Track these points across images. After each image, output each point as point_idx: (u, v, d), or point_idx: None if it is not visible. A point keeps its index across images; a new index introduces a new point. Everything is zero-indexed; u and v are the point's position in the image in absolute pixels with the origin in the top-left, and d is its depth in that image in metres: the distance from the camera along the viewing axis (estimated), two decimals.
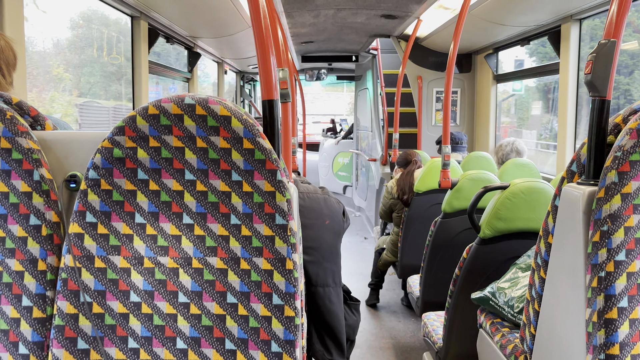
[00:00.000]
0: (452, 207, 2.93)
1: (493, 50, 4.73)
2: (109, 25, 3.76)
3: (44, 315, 1.14)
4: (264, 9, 1.25)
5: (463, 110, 5.36)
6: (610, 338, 1.11)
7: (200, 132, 1.10)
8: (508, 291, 1.83)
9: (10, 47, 1.47)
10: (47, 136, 1.22)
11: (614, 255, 1.11)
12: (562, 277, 1.29)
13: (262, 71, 1.25)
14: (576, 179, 1.32)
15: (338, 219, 2.07)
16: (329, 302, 2.00)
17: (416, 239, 3.59)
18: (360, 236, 6.73)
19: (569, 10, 3.27)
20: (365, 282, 4.54)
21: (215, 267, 1.12)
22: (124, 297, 1.12)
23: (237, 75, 7.50)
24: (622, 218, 1.12)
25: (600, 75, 1.23)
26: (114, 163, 1.11)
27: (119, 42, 3.78)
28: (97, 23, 3.79)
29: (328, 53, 6.78)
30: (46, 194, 1.15)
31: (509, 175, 3.39)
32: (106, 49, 3.95)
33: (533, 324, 1.43)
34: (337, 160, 9.19)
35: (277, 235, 1.11)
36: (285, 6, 4.01)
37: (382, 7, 4.09)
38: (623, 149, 1.12)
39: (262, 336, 1.11)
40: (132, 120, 1.10)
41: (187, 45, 4.47)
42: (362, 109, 7.70)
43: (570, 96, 3.47)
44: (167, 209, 1.12)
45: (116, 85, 4.21)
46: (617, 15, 1.21)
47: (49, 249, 1.15)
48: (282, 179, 1.11)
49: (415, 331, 3.76)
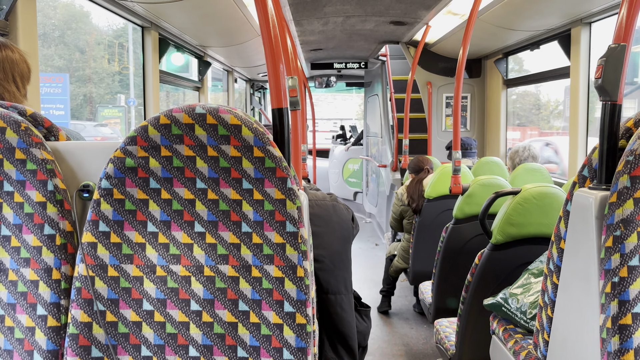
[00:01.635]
0: (463, 213, 2.92)
1: (503, 55, 4.72)
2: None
3: (59, 324, 1.16)
4: (273, 17, 1.26)
5: (473, 115, 5.34)
6: (624, 344, 1.10)
7: (211, 141, 1.11)
8: (521, 297, 1.82)
9: (24, 60, 1.50)
10: (61, 147, 1.23)
11: (628, 260, 1.10)
12: (575, 283, 1.28)
13: (271, 80, 1.26)
14: (588, 184, 1.31)
15: (347, 226, 2.07)
16: (340, 310, 2.00)
17: (427, 245, 3.58)
18: (372, 242, 6.71)
19: (578, 14, 3.26)
20: (376, 288, 4.52)
21: (226, 275, 1.12)
22: (137, 305, 1.13)
23: (246, 84, 7.55)
24: (635, 223, 1.11)
25: (610, 80, 1.22)
26: (126, 172, 1.13)
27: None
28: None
29: (337, 60, 6.80)
30: (60, 203, 1.17)
31: (520, 180, 3.37)
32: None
33: (546, 330, 1.42)
34: (347, 167, 9.19)
35: (288, 242, 1.11)
36: (294, 14, 4.04)
37: (390, 13, 4.10)
38: (635, 153, 1.12)
39: (274, 344, 1.11)
40: (143, 130, 1.12)
41: (197, 54, 4.51)
42: (371, 115, 7.71)
43: (581, 100, 3.45)
44: (179, 217, 1.13)
45: None
46: (627, 18, 1.21)
47: (63, 258, 1.16)
48: (293, 187, 1.12)
49: (428, 338, 3.74)
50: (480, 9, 3.42)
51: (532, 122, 9.63)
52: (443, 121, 5.42)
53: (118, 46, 16.70)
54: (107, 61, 17.96)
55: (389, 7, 3.89)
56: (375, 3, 3.79)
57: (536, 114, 9.88)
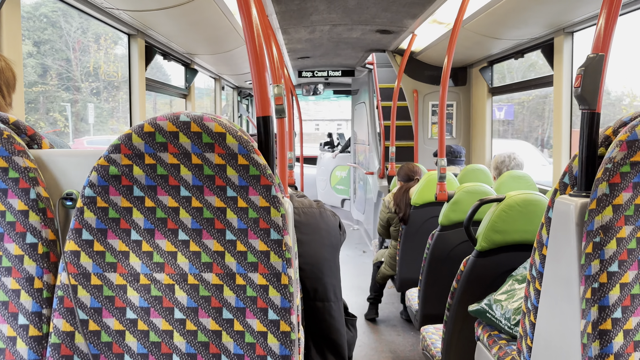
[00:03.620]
0: (449, 220, 2.94)
1: (488, 64, 4.78)
2: None
3: (40, 334, 1.15)
4: (258, 26, 1.27)
5: (459, 123, 5.39)
6: (605, 349, 1.11)
7: (195, 149, 1.11)
8: (505, 303, 1.83)
9: (10, 67, 1.49)
10: (44, 155, 1.23)
11: (607, 266, 1.12)
12: (556, 289, 1.30)
13: (256, 88, 1.27)
14: (569, 191, 1.33)
15: (335, 233, 2.07)
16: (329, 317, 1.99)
17: (414, 252, 3.59)
18: (359, 250, 6.72)
19: (561, 24, 3.31)
20: (364, 295, 4.53)
21: (210, 282, 1.12)
22: (120, 314, 1.12)
23: (234, 91, 7.54)
24: (614, 229, 1.13)
25: (589, 89, 1.24)
26: (110, 181, 1.12)
27: None
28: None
29: (324, 68, 6.83)
30: (42, 212, 1.16)
31: (506, 187, 3.41)
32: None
33: (529, 336, 1.43)
34: (335, 174, 9.21)
35: (272, 250, 1.12)
36: (281, 22, 4.06)
37: (377, 22, 4.14)
38: (613, 161, 1.14)
39: (258, 352, 1.11)
40: (127, 138, 1.12)
41: (184, 62, 4.51)
42: (359, 122, 7.74)
43: (564, 108, 3.49)
44: (163, 225, 1.13)
45: None
46: (605, 29, 1.23)
47: (45, 267, 1.15)
48: (277, 194, 1.12)
49: (415, 345, 3.75)
50: (465, 18, 3.47)
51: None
52: (429, 129, 5.45)
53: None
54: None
55: (375, 16, 3.92)
56: (361, 12, 3.81)
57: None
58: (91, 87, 12.07)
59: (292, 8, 3.66)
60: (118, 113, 11.95)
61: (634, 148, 1.13)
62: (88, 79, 11.88)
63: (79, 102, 11.34)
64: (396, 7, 3.65)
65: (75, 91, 11.36)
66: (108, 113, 12.30)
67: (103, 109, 12.24)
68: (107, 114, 12.31)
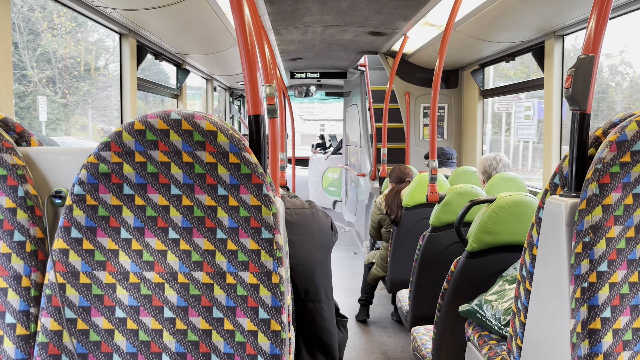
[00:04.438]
0: (440, 221, 2.95)
1: (479, 66, 4.80)
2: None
3: (28, 333, 1.13)
4: (250, 25, 1.27)
5: (450, 125, 5.41)
6: (594, 348, 1.12)
7: (186, 147, 1.10)
8: (495, 304, 1.84)
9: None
10: (32, 152, 1.22)
11: (597, 266, 1.13)
12: (547, 289, 1.31)
13: (248, 87, 1.27)
14: (559, 192, 1.34)
15: (327, 233, 2.07)
16: (319, 318, 1.99)
17: (405, 254, 3.60)
18: (350, 251, 6.72)
19: (551, 27, 3.33)
20: (355, 297, 4.52)
21: (201, 281, 1.11)
22: (109, 312, 1.11)
23: (226, 92, 7.53)
24: (604, 229, 1.14)
25: (580, 90, 1.25)
26: (100, 178, 1.11)
27: None
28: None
29: (317, 69, 6.84)
30: (31, 209, 1.15)
31: (496, 189, 3.42)
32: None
33: (520, 336, 1.44)
34: (327, 176, 9.21)
35: (263, 249, 1.11)
36: (273, 23, 4.06)
37: (369, 24, 4.15)
38: (603, 162, 1.15)
39: (249, 351, 1.10)
40: (118, 135, 1.11)
41: (176, 62, 4.49)
42: (351, 124, 7.75)
43: (555, 110, 3.52)
44: (153, 224, 1.12)
45: None
46: (595, 31, 1.24)
47: (33, 265, 1.14)
48: (268, 193, 1.12)
49: (406, 346, 3.75)
50: (457, 21, 3.48)
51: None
52: (421, 131, 5.47)
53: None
54: None
55: (367, 17, 3.93)
56: (354, 14, 3.82)
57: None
58: (42, 77, 9.74)
59: (284, 9, 3.66)
60: (78, 110, 10.05)
61: (624, 149, 1.14)
62: (42, 66, 9.65)
63: (31, 94, 9.16)
64: (388, 9, 3.66)
65: (27, 82, 9.17)
66: (70, 109, 10.22)
67: (58, 102, 10.00)
68: (70, 110, 10.21)
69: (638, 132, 1.15)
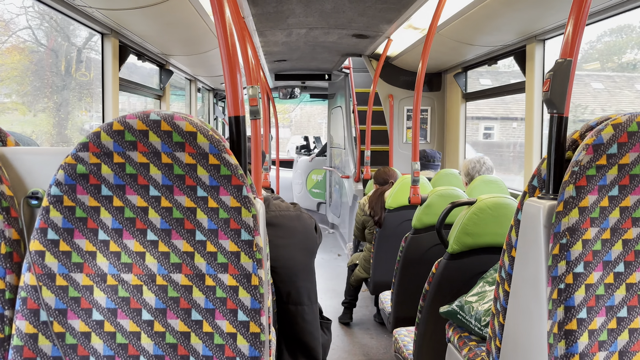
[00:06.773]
0: (422, 223, 2.97)
1: (462, 70, 4.84)
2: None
3: (2, 336, 1.11)
4: (231, 26, 1.27)
5: (433, 128, 5.45)
6: (570, 349, 1.13)
7: (165, 148, 1.10)
8: (475, 305, 1.85)
9: None
10: (8, 152, 1.20)
11: (573, 267, 1.14)
12: (525, 290, 1.32)
13: (229, 88, 1.26)
14: (537, 194, 1.35)
15: (312, 236, 2.07)
16: (301, 320, 1.99)
17: (388, 255, 3.61)
18: (334, 253, 6.73)
19: (532, 31, 3.37)
20: (338, 299, 4.53)
21: (179, 283, 1.11)
22: (86, 315, 1.10)
23: (209, 93, 7.49)
24: (580, 231, 1.15)
25: (558, 93, 1.27)
26: (77, 179, 1.10)
27: None
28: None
29: (301, 71, 6.84)
30: (6, 210, 1.13)
31: (478, 191, 3.45)
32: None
33: (498, 337, 1.45)
34: (311, 177, 9.21)
35: (243, 251, 1.11)
36: (257, 25, 4.05)
37: (353, 26, 4.16)
38: (580, 164, 1.16)
39: (227, 353, 1.10)
40: (96, 136, 1.10)
41: (159, 63, 4.46)
42: (335, 126, 7.76)
43: (536, 114, 3.56)
44: (131, 225, 1.11)
45: None
46: (573, 35, 1.26)
47: (8, 267, 1.12)
48: (248, 195, 1.11)
49: (388, 347, 3.76)
50: (440, 24, 3.51)
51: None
52: (404, 133, 5.50)
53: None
54: None
55: (351, 20, 3.94)
56: (337, 16, 3.83)
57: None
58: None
59: (268, 10, 3.66)
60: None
61: (600, 152, 1.16)
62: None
63: None
64: (372, 12, 3.68)
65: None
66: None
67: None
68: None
69: (614, 136, 1.17)
